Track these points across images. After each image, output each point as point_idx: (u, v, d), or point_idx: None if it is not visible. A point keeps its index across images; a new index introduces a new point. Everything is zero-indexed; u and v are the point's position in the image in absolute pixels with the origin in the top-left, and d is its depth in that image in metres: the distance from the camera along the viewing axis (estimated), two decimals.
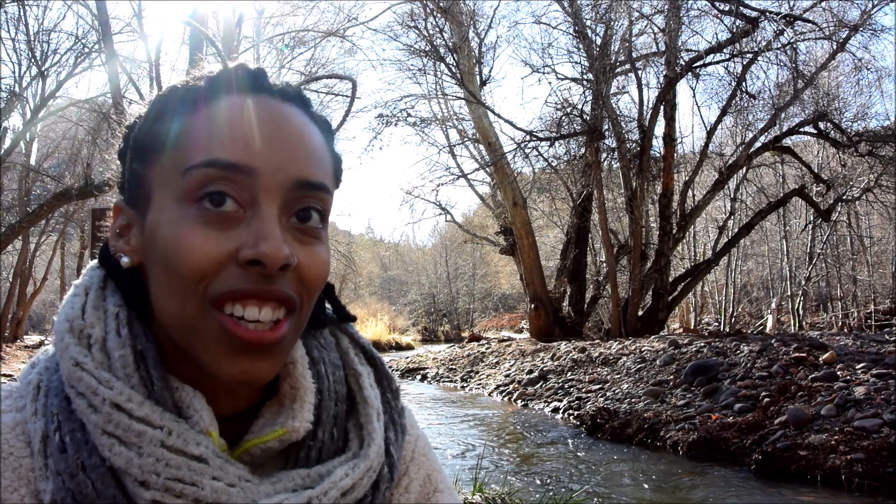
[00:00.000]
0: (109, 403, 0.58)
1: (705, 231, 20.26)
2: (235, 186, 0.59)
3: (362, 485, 0.64)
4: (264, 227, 0.59)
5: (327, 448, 0.66)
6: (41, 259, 20.73)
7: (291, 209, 0.62)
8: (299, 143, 0.63)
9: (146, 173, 0.64)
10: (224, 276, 0.59)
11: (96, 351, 0.61)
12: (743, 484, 5.13)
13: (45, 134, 19.55)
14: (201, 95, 0.63)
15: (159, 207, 0.62)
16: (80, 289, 0.67)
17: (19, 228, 10.56)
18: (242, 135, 0.60)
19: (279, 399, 0.67)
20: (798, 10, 12.56)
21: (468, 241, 22.41)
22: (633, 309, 13.41)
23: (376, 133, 16.00)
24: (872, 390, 5.98)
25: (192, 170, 0.59)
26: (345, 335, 0.76)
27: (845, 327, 16.62)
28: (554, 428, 7.70)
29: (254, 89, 0.64)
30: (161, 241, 0.60)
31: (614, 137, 13.72)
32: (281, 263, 0.58)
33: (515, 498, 4.26)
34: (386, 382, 0.75)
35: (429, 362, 14.98)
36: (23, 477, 0.60)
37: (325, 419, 0.67)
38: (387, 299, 36.85)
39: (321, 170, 0.64)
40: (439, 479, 0.80)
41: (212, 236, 0.59)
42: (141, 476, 0.56)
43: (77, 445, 0.58)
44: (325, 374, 0.69)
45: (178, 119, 0.63)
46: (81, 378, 0.59)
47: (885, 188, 13.62)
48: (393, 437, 0.71)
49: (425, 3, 14.95)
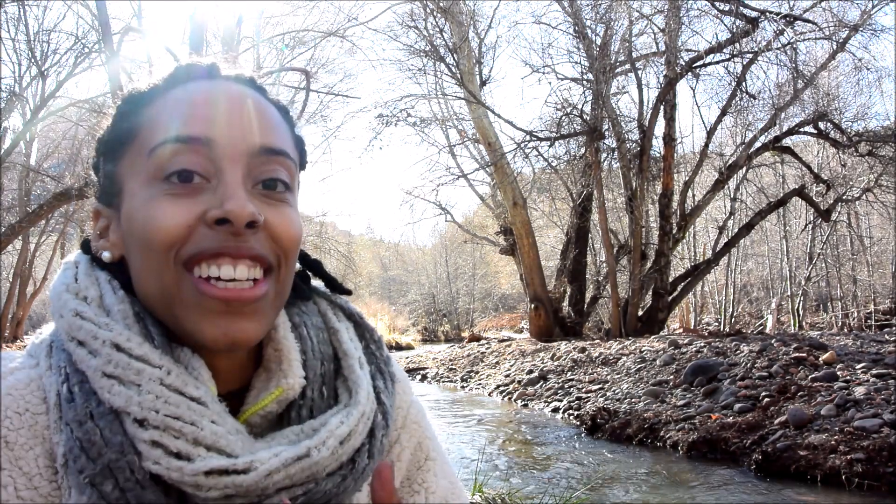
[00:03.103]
0: (109, 344, 0.58)
1: (705, 231, 20.26)
2: (199, 159, 0.62)
3: (358, 431, 0.64)
4: (228, 189, 0.61)
5: (318, 406, 0.67)
6: (41, 259, 20.72)
7: (256, 177, 0.64)
8: (256, 114, 0.66)
9: (117, 169, 0.67)
10: (194, 238, 0.60)
11: (95, 306, 0.62)
12: (743, 484, 5.13)
13: (45, 134, 19.53)
14: (158, 89, 0.67)
15: (131, 194, 0.64)
16: (70, 264, 0.69)
17: (19, 228, 10.56)
18: (200, 110, 0.63)
19: (265, 366, 0.68)
20: (798, 10, 12.56)
21: (468, 241, 22.41)
22: (633, 309, 13.41)
23: (376, 133, 16.03)
24: (872, 390, 5.98)
25: (157, 148, 0.62)
26: (323, 299, 0.77)
27: (845, 327, 16.62)
28: (554, 428, 7.70)
29: (209, 77, 0.67)
30: (136, 222, 0.62)
31: (614, 137, 13.72)
32: (247, 219, 0.60)
33: (515, 498, 4.26)
34: (368, 335, 0.76)
35: (429, 362, 14.98)
36: (38, 434, 0.60)
37: (313, 378, 0.68)
38: (387, 299, 36.86)
39: (281, 138, 0.67)
40: (431, 446, 0.80)
41: (180, 203, 0.61)
42: (140, 413, 0.56)
43: (85, 395, 0.58)
44: (308, 336, 0.70)
45: (139, 113, 0.66)
46: (81, 326, 0.60)
47: (885, 188, 13.62)
48: (382, 385, 0.71)
49: (425, 3, 14.95)
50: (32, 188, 16.90)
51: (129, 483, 0.55)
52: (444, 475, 0.80)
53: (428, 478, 0.78)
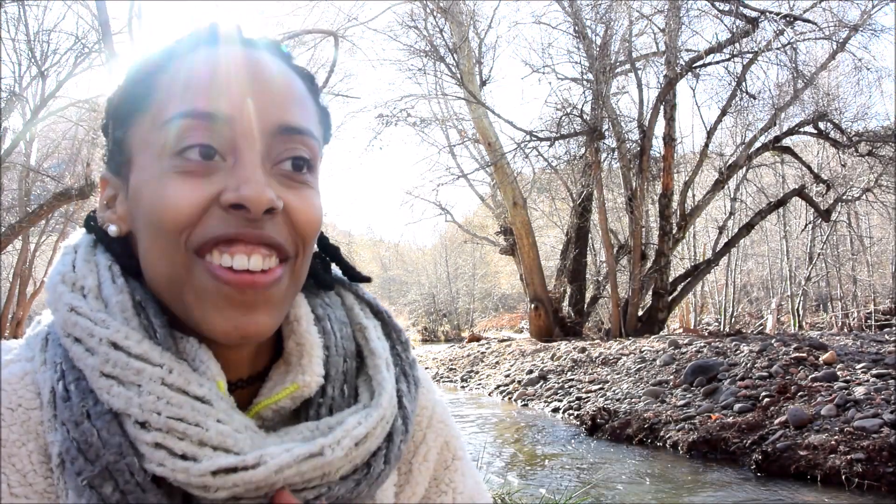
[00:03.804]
0: (107, 342, 0.55)
1: (705, 231, 20.25)
2: (214, 135, 0.58)
3: (376, 434, 0.61)
4: (246, 171, 0.57)
5: (338, 405, 0.64)
6: (41, 259, 20.70)
7: (276, 157, 0.60)
8: (278, 88, 0.61)
9: (126, 138, 0.63)
10: (207, 222, 0.57)
11: (91, 299, 0.59)
12: (743, 484, 5.13)
13: (45, 134, 19.51)
14: (175, 52, 0.62)
15: (141, 168, 0.60)
16: (69, 248, 0.66)
17: (19, 228, 10.56)
18: (218, 83, 0.59)
19: (286, 358, 0.65)
20: (798, 10, 12.57)
21: (468, 241, 22.40)
22: (633, 309, 13.41)
23: (376, 133, 16.03)
24: (872, 390, 5.98)
25: (169, 123, 0.58)
26: (349, 292, 0.73)
27: (845, 327, 16.62)
28: (554, 428, 7.70)
29: (228, 42, 0.62)
30: (144, 199, 0.59)
31: (614, 137, 13.72)
32: (265, 206, 0.56)
33: (515, 498, 4.26)
34: (395, 335, 0.72)
35: (429, 362, 14.98)
36: (31, 430, 0.58)
37: (335, 375, 0.64)
38: (387, 299, 36.83)
39: (304, 115, 0.62)
40: (458, 445, 0.78)
41: (192, 183, 0.57)
42: (141, 416, 0.54)
43: (82, 394, 0.56)
44: (332, 331, 0.67)
45: (153, 79, 0.61)
46: (77, 322, 0.57)
47: (885, 188, 13.63)
48: (405, 388, 0.68)
49: (425, 3, 14.94)
50: (32, 188, 16.90)
51: (130, 485, 0.53)
52: (471, 475, 0.78)
53: (455, 477, 0.76)
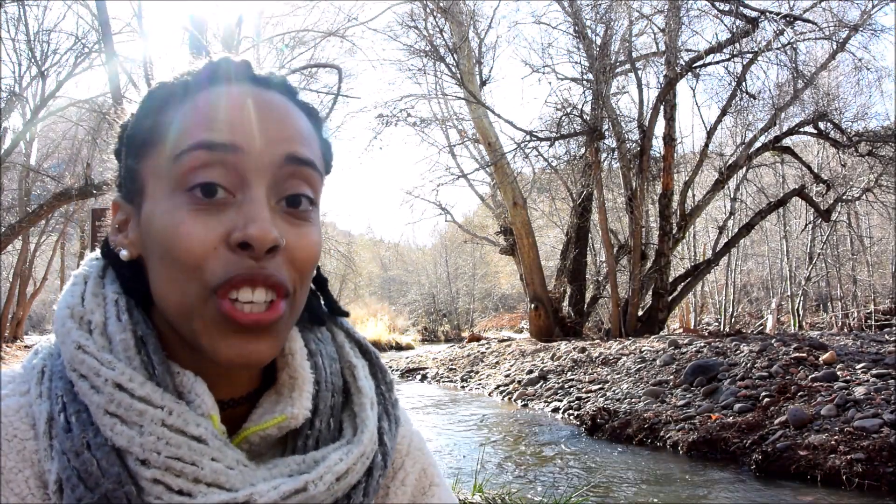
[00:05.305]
0: (112, 384, 0.59)
1: (705, 231, 20.26)
2: (225, 170, 0.61)
3: (356, 470, 0.66)
4: (253, 209, 0.61)
5: (324, 437, 0.68)
6: (41, 259, 20.73)
7: (281, 191, 0.64)
8: (284, 123, 0.65)
9: (140, 168, 0.66)
10: (219, 261, 0.60)
11: (97, 335, 0.63)
12: (743, 484, 5.13)
13: (45, 134, 19.54)
14: (189, 88, 0.65)
15: (153, 199, 0.64)
16: (79, 278, 0.69)
17: (19, 228, 10.56)
18: (229, 117, 0.62)
19: (277, 388, 0.69)
20: (798, 10, 12.57)
21: (468, 241, 22.41)
22: (633, 309, 13.41)
23: (376, 133, 16.03)
24: (872, 390, 5.98)
25: (182, 155, 0.61)
26: (340, 330, 0.78)
27: (845, 327, 16.62)
28: (554, 428, 7.70)
29: (238, 79, 0.66)
30: (156, 231, 0.62)
31: (614, 137, 13.72)
32: (269, 245, 0.60)
33: (515, 498, 4.26)
34: (380, 375, 0.77)
35: (429, 362, 14.97)
36: (27, 459, 0.61)
37: (323, 409, 0.69)
38: (387, 299, 36.81)
39: (308, 148, 0.66)
40: (435, 473, 0.82)
41: (204, 221, 0.60)
42: (142, 454, 0.57)
43: (83, 426, 0.59)
44: (323, 366, 0.71)
45: (168, 112, 0.65)
46: (84, 360, 0.60)
47: (885, 188, 13.63)
48: (387, 426, 0.73)
49: (425, 3, 14.95)
50: (32, 188, 16.91)
51: None
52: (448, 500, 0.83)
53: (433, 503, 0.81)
